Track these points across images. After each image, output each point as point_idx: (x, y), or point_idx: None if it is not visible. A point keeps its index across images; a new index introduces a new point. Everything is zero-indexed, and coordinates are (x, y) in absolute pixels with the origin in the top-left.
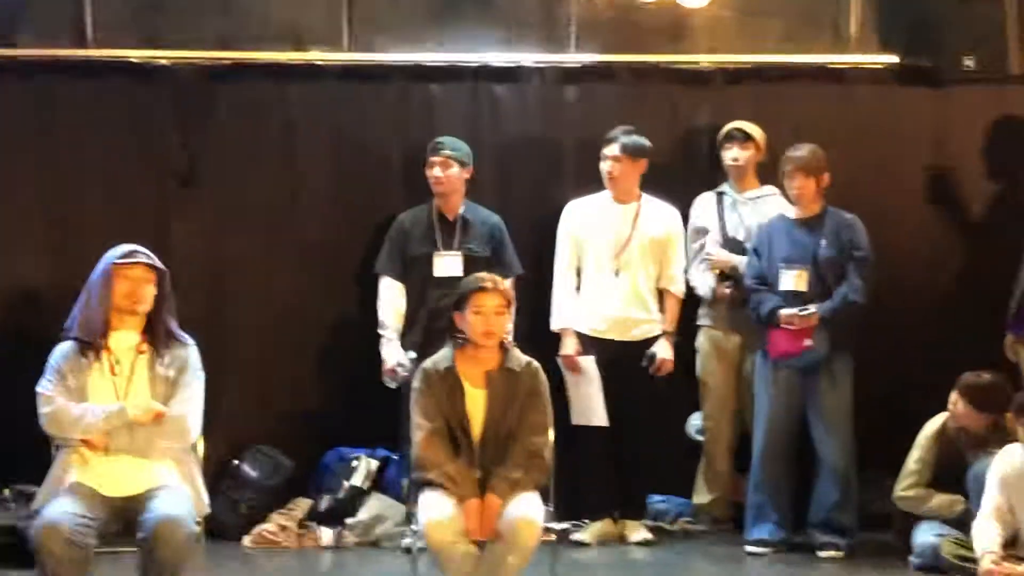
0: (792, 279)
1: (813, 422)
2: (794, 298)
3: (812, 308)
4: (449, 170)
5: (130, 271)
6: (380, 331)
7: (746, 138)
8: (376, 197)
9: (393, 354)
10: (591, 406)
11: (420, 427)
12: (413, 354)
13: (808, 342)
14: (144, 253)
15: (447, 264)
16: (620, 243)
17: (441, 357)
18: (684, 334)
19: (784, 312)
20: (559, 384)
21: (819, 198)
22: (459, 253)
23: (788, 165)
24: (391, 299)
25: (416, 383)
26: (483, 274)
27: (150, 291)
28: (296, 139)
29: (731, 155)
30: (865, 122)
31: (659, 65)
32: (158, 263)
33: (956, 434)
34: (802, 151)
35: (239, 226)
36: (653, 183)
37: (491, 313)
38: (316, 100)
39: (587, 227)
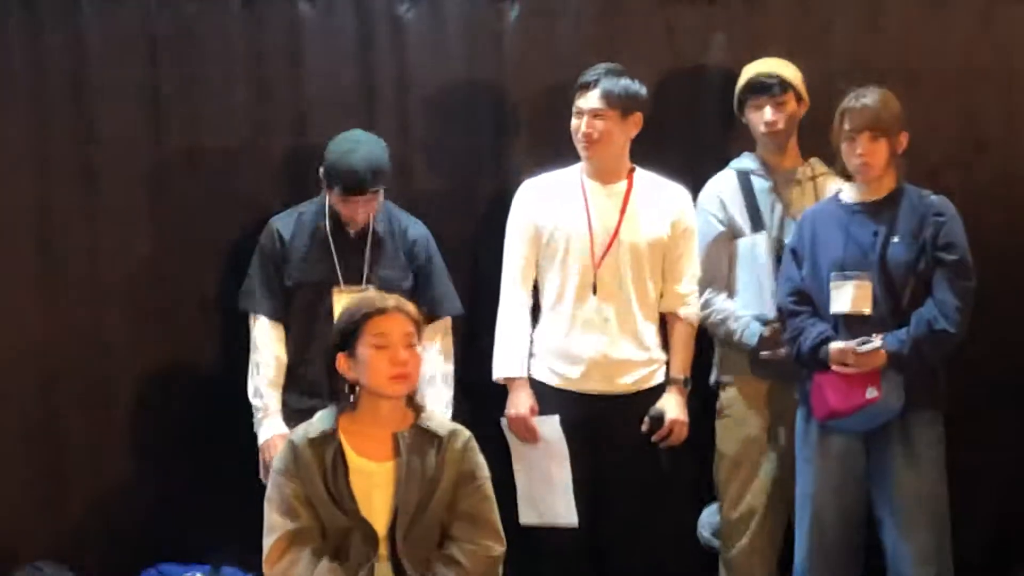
0: (849, 296)
1: (882, 516)
2: (853, 325)
3: (877, 341)
4: (375, 202)
5: None
6: (254, 398)
7: (783, 86)
8: (216, 186)
9: (277, 435)
10: (553, 496)
11: (273, 529)
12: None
13: (872, 392)
14: None
15: None
16: (601, 244)
17: (317, 421)
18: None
19: (835, 346)
20: (502, 464)
21: (893, 171)
22: (369, 287)
23: (849, 121)
24: (269, 349)
25: (276, 462)
26: (374, 292)
27: None
28: (92, 93)
29: (765, 116)
30: (961, 54)
31: None
32: None
33: None
34: (868, 98)
35: None
36: (640, 153)
37: (399, 345)
38: (115, 28)
39: (550, 219)
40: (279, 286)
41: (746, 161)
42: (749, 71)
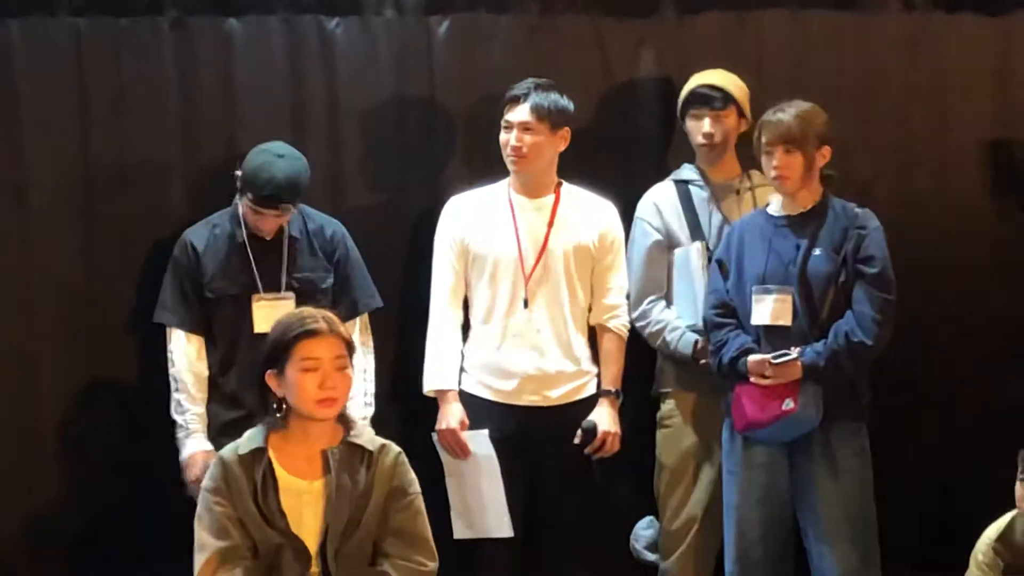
0: (769, 308)
1: (806, 527)
2: (774, 337)
3: (793, 353)
4: (286, 216)
5: None
6: (175, 414)
7: (725, 100)
8: (145, 202)
9: (199, 452)
10: (486, 509)
11: (203, 547)
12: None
13: (788, 404)
14: None
15: (273, 313)
16: (531, 258)
17: (246, 439)
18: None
19: (752, 359)
20: (435, 478)
21: (814, 184)
22: (289, 295)
23: (765, 134)
24: (185, 363)
25: (206, 480)
26: (308, 309)
27: None
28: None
29: (702, 128)
30: (890, 69)
31: None
32: None
33: None
34: (786, 112)
35: None
36: (573, 168)
37: (329, 369)
38: (44, 45)
39: (478, 235)
40: (195, 298)
41: (686, 172)
42: (695, 80)
